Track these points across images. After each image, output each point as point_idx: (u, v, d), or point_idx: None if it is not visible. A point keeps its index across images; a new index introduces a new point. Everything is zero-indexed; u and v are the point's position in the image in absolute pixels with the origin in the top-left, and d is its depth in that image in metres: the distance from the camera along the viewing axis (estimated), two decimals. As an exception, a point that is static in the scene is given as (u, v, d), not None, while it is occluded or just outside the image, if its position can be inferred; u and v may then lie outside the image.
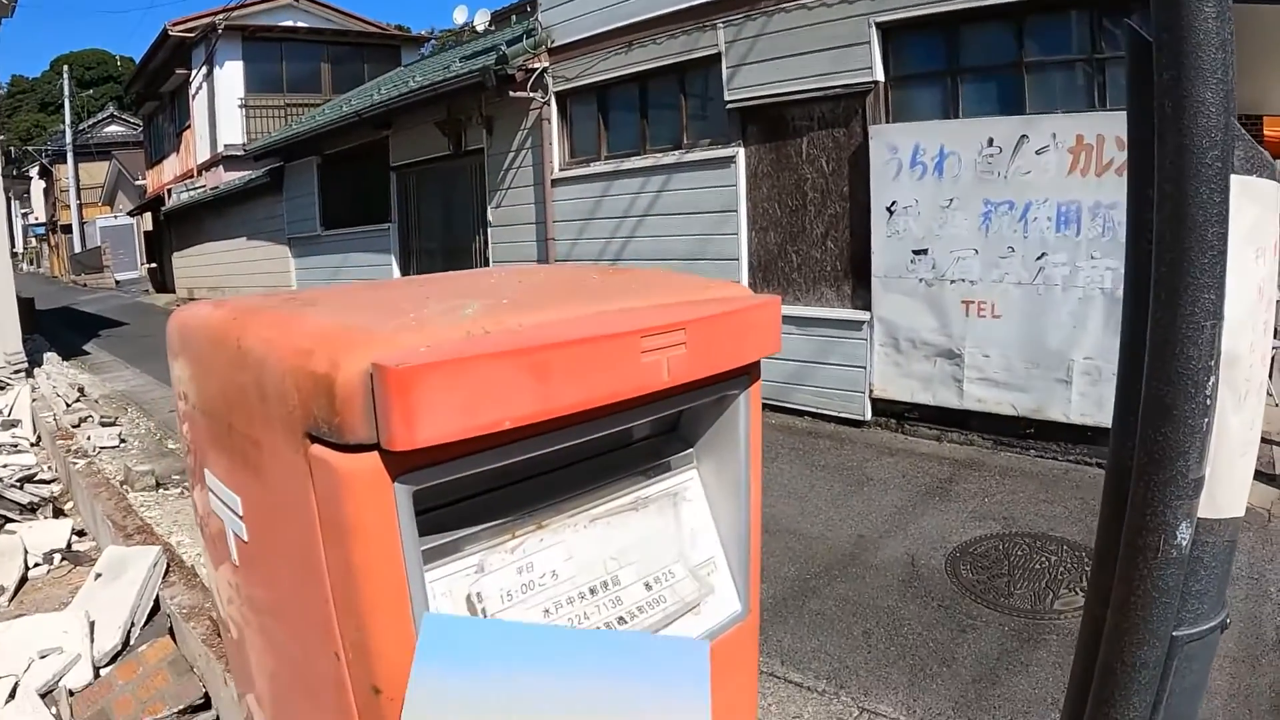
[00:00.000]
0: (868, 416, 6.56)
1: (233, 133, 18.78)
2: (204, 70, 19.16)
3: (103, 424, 6.54)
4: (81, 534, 4.30)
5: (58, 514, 4.66)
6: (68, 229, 37.39)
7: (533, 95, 9.07)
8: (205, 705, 2.67)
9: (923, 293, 6.07)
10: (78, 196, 35.49)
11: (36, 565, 3.87)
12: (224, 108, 18.90)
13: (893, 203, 6.14)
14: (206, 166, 19.60)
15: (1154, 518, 1.08)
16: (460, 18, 12.02)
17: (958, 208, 5.80)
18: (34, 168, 43.82)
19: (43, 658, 2.80)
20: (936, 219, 5.91)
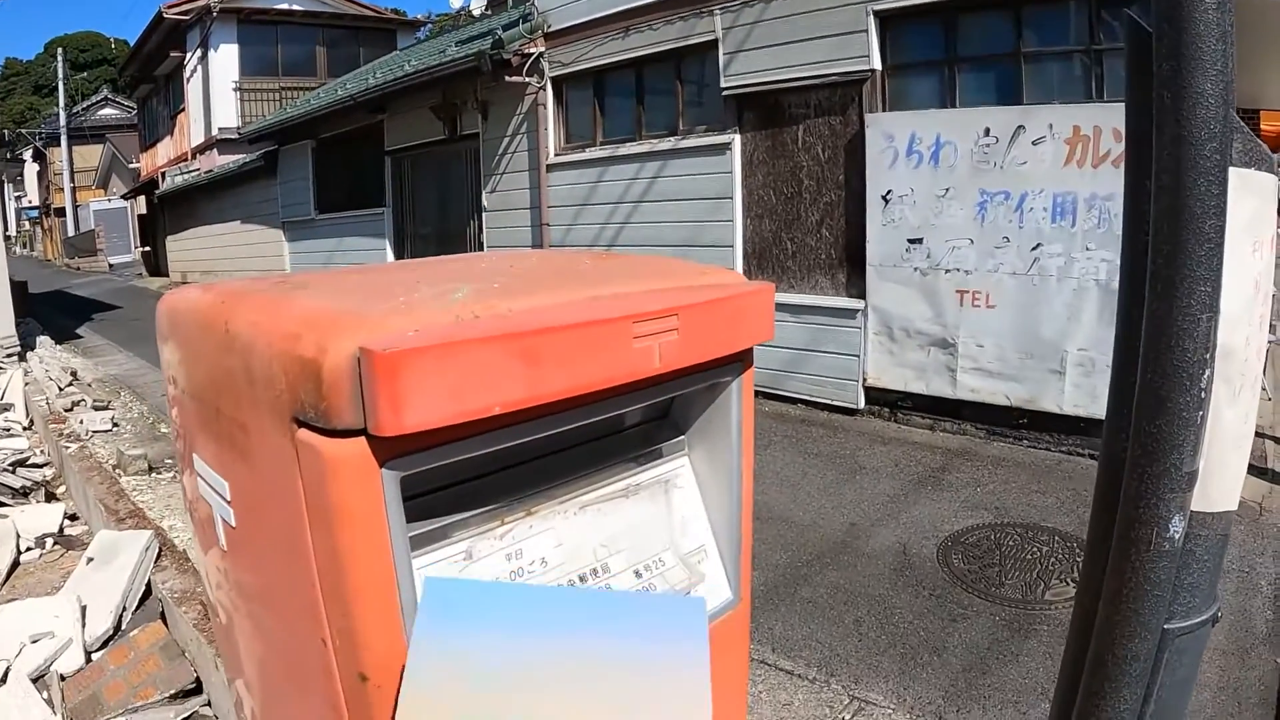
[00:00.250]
0: (861, 405, 6.57)
1: (227, 116, 18.67)
2: (199, 53, 19.02)
3: (95, 408, 6.52)
4: (74, 518, 4.28)
5: (50, 498, 4.65)
6: (61, 212, 37.13)
7: (528, 80, 9.01)
8: (197, 690, 2.67)
9: (917, 282, 6.06)
10: (71, 180, 35.31)
11: (28, 549, 3.86)
12: (218, 91, 18.77)
13: (888, 191, 6.12)
14: (201, 150, 19.49)
15: (1147, 510, 1.07)
16: (456, 2, 11.94)
17: (953, 197, 5.79)
18: (28, 151, 43.47)
19: (34, 642, 2.79)
20: (932, 208, 5.90)
